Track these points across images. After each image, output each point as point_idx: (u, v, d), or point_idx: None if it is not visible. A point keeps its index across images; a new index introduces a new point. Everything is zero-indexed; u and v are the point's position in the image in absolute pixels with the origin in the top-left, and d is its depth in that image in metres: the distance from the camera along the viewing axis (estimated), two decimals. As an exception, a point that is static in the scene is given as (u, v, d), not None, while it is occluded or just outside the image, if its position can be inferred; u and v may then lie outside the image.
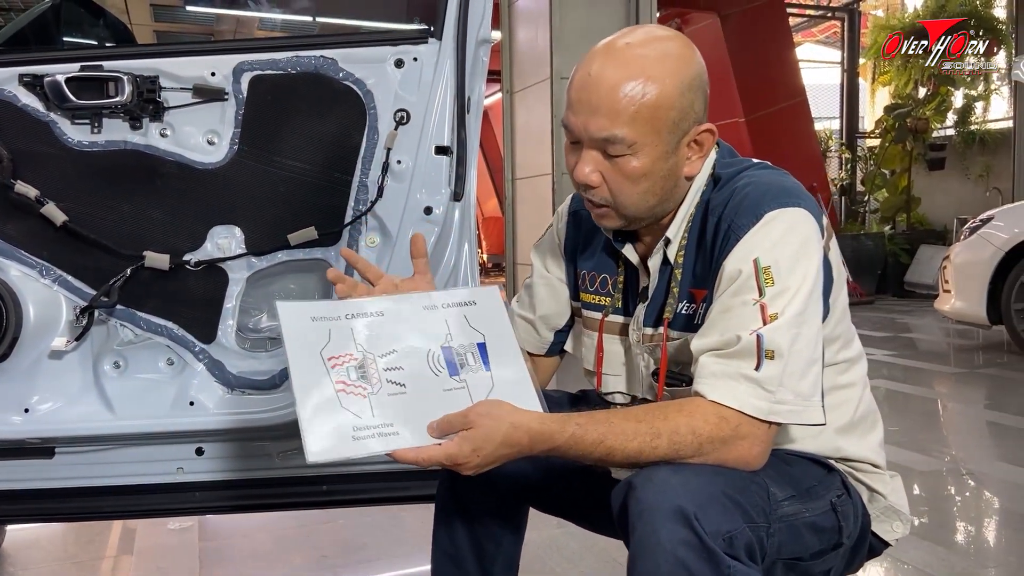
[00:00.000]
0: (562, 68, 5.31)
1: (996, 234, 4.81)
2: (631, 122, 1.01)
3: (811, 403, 0.98)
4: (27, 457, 1.56)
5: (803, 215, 1.02)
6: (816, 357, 0.99)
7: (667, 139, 1.04)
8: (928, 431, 3.47)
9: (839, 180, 9.61)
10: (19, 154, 1.50)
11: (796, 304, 0.97)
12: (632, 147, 1.02)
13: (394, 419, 0.97)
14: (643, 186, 1.06)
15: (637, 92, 1.01)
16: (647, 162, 1.04)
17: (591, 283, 1.25)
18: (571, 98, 1.05)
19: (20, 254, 1.53)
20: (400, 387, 1.01)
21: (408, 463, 0.94)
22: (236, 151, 1.55)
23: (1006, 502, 2.62)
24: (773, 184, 1.06)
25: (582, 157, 1.06)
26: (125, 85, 1.49)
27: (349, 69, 1.55)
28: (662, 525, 0.87)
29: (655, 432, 0.93)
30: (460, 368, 1.05)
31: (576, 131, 1.05)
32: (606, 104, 1.01)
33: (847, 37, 10.18)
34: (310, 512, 2.44)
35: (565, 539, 2.17)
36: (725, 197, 1.07)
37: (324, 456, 0.93)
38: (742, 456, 0.96)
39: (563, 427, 0.94)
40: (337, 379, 0.99)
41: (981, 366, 4.84)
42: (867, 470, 1.16)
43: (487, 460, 0.94)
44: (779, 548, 0.98)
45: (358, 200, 1.56)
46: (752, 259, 0.99)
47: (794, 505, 1.02)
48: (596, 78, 1.02)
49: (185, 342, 1.58)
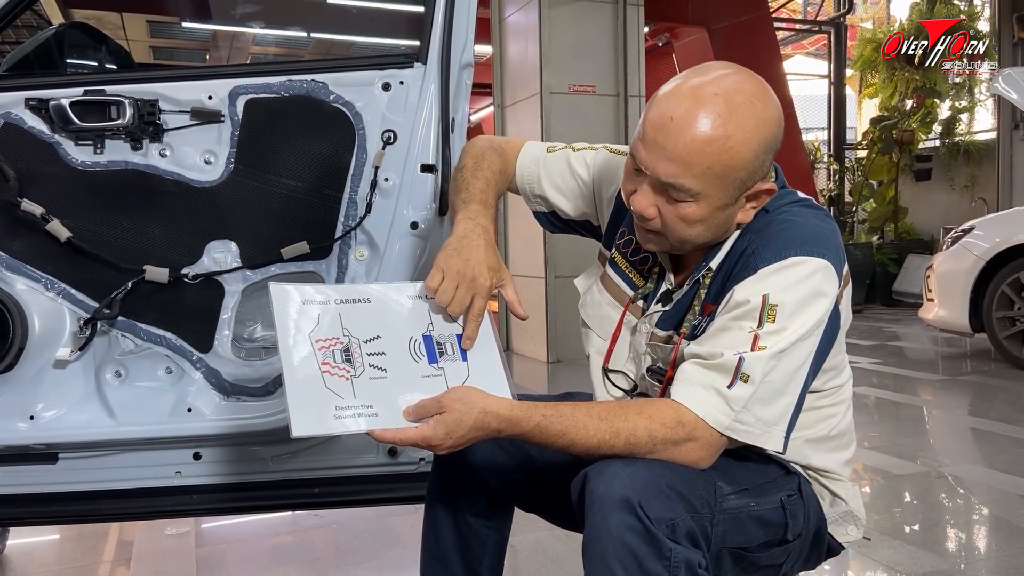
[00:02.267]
0: (552, 83, 5.40)
1: (978, 243, 4.90)
2: (701, 176, 1.03)
3: (772, 431, 1.05)
4: (32, 462, 1.63)
5: (824, 267, 1.07)
6: (787, 392, 1.05)
7: (731, 194, 1.07)
8: (907, 436, 3.55)
9: (827, 191, 9.72)
10: (25, 174, 1.57)
11: (784, 343, 1.03)
12: (695, 196, 1.05)
13: (374, 401, 1.06)
14: (696, 230, 1.09)
15: (715, 149, 1.02)
16: (706, 211, 1.07)
17: (632, 253, 1.26)
18: (645, 133, 1.06)
19: (26, 269, 1.60)
20: (381, 371, 1.09)
21: (386, 441, 1.04)
22: (232, 170, 1.63)
23: (979, 503, 2.70)
24: (809, 228, 1.10)
25: (642, 189, 1.09)
26: (126, 108, 1.57)
27: (339, 92, 1.63)
28: (610, 513, 0.97)
29: (615, 431, 1.02)
30: (439, 357, 1.14)
31: (644, 165, 1.07)
32: (681, 154, 1.02)
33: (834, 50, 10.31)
34: (304, 517, 2.51)
35: (551, 541, 2.24)
36: (763, 225, 1.12)
37: (307, 431, 1.02)
38: (690, 458, 1.04)
39: (529, 416, 1.03)
40: (323, 361, 1.07)
41: (965, 373, 4.91)
42: (832, 476, 1.23)
43: (459, 442, 1.04)
44: (724, 537, 1.06)
45: (348, 216, 1.64)
46: (762, 294, 1.05)
47: (742, 499, 1.09)
48: (677, 125, 1.02)
49: (183, 351, 1.65)
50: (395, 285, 1.21)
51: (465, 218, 1.25)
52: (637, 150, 1.08)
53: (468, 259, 1.18)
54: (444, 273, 1.17)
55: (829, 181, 9.89)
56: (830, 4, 10.72)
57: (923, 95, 8.71)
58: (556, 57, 5.42)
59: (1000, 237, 4.84)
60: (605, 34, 5.58)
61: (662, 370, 1.18)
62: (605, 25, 5.59)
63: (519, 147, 1.42)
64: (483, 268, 1.18)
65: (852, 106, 10.94)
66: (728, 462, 1.10)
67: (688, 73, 1.08)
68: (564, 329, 5.34)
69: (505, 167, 1.40)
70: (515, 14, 5.79)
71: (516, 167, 1.41)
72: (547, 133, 5.37)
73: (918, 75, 8.62)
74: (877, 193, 9.06)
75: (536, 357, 5.54)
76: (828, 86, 10.39)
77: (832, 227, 1.14)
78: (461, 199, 1.30)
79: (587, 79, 5.51)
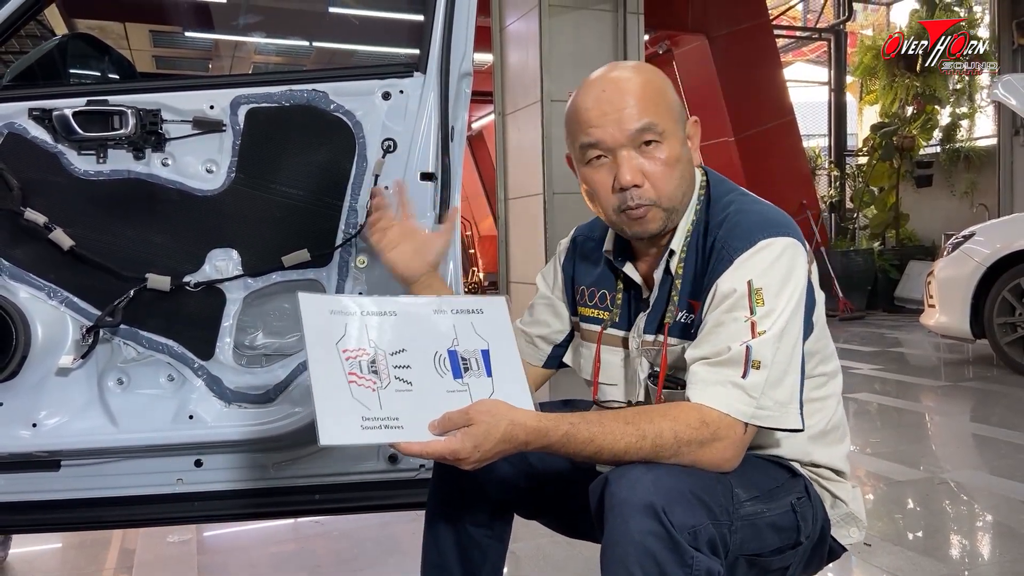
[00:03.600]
0: (552, 91, 5.42)
1: (978, 249, 4.90)
2: (656, 109, 1.14)
3: (788, 409, 1.08)
4: (34, 470, 1.63)
5: (792, 243, 1.13)
6: (792, 368, 1.09)
7: (679, 127, 1.18)
8: (909, 442, 3.55)
9: (828, 197, 9.73)
10: (29, 183, 1.59)
11: (780, 322, 1.07)
12: (662, 135, 1.14)
13: (399, 413, 1.05)
14: (677, 171, 1.16)
15: (652, 87, 1.15)
16: (676, 147, 1.16)
17: (590, 298, 1.34)
18: (590, 117, 1.15)
19: (29, 277, 1.61)
20: (407, 384, 1.09)
21: (413, 455, 1.02)
22: (233, 179, 1.64)
23: (981, 509, 2.69)
24: (765, 213, 1.17)
25: (620, 163, 1.15)
26: (129, 118, 1.59)
27: (339, 101, 1.65)
28: (632, 517, 0.96)
29: (641, 434, 1.02)
30: (464, 372, 1.13)
31: (608, 140, 1.15)
32: (632, 100, 1.14)
33: (834, 57, 10.34)
34: (305, 525, 2.52)
35: (551, 548, 2.24)
36: (721, 218, 1.17)
37: (335, 440, 1.01)
38: (716, 458, 1.05)
39: (557, 425, 1.02)
40: (350, 371, 1.07)
41: (967, 379, 4.91)
42: (832, 478, 1.25)
43: (487, 455, 1.02)
44: (741, 544, 1.07)
45: (348, 223, 1.65)
46: (746, 280, 1.09)
47: (756, 505, 1.10)
48: (612, 90, 1.15)
49: (185, 359, 1.66)
50: (421, 300, 1.21)
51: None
52: (592, 136, 1.16)
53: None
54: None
55: (830, 187, 9.90)
56: (830, 11, 10.75)
57: (923, 101, 8.73)
58: (556, 65, 5.44)
59: (1001, 243, 4.84)
60: (605, 42, 5.61)
61: (656, 372, 1.20)
62: (605, 33, 5.62)
63: None
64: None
65: (853, 113, 10.96)
66: (742, 466, 1.11)
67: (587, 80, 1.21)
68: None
69: None
70: (516, 22, 5.82)
71: None
72: (548, 140, 5.39)
73: (918, 81, 8.64)
74: (878, 199, 9.07)
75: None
76: (828, 93, 10.42)
77: (779, 208, 1.21)
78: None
79: (587, 87, 5.52)
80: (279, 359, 1.68)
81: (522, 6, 5.67)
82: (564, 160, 1.32)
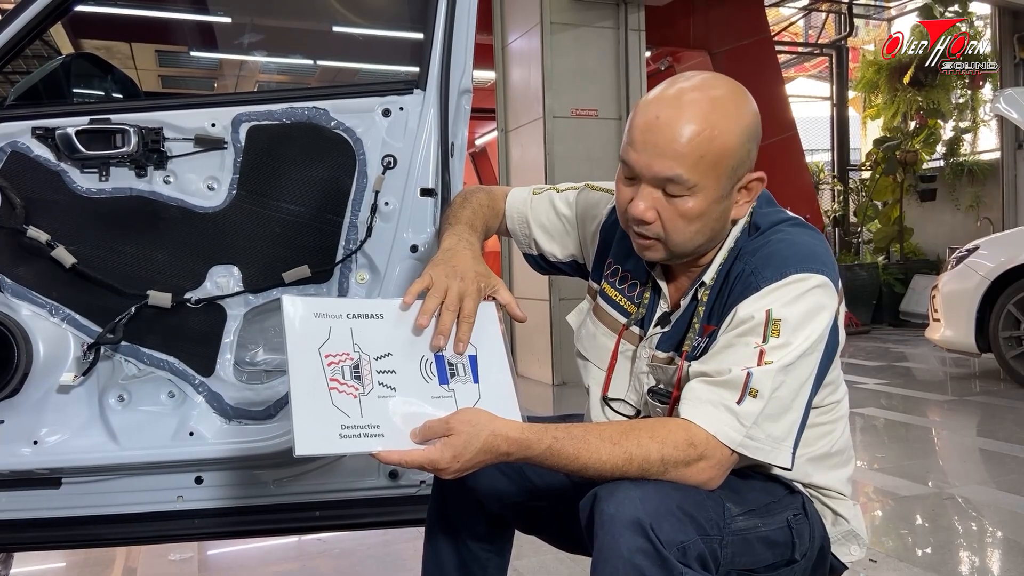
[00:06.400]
0: (554, 107, 5.45)
1: (982, 263, 4.89)
2: (695, 166, 1.07)
3: (781, 447, 1.06)
4: (35, 487, 1.63)
5: (824, 282, 1.09)
6: (794, 407, 1.06)
7: (724, 184, 1.10)
8: (916, 457, 3.53)
9: (832, 212, 9.73)
10: (31, 201, 1.60)
11: (790, 358, 1.04)
12: (692, 189, 1.08)
13: (381, 421, 1.02)
14: (696, 226, 1.11)
15: (704, 139, 1.07)
16: (704, 204, 1.09)
17: (620, 281, 1.29)
18: (634, 138, 1.10)
19: (31, 295, 1.62)
20: (391, 390, 1.06)
21: (391, 464, 1.01)
22: (235, 196, 1.65)
23: (988, 524, 2.67)
24: (804, 246, 1.13)
25: (640, 193, 1.11)
26: (131, 136, 1.60)
27: (340, 118, 1.66)
28: (621, 534, 0.95)
29: (628, 457, 1.01)
30: (450, 378, 1.10)
31: (638, 168, 1.10)
32: (673, 147, 1.07)
33: (836, 72, 10.38)
34: (308, 543, 2.51)
35: (555, 564, 2.22)
36: (758, 246, 1.14)
37: (310, 450, 0.99)
38: (700, 478, 1.03)
39: (540, 439, 1.01)
40: (331, 377, 1.04)
41: (973, 394, 4.88)
42: (833, 495, 1.24)
43: (466, 465, 1.00)
44: (732, 559, 1.06)
45: (349, 240, 1.66)
46: (766, 310, 1.06)
47: (750, 520, 1.09)
48: (665, 122, 1.07)
49: (186, 376, 1.66)
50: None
51: (450, 235, 1.27)
52: (628, 156, 1.11)
53: (455, 266, 1.19)
54: (431, 279, 1.16)
55: (833, 202, 9.91)
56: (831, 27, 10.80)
57: (926, 116, 8.74)
58: (559, 82, 5.47)
59: (1005, 256, 4.83)
60: (607, 59, 5.64)
61: (664, 391, 1.18)
62: (607, 50, 5.65)
63: (507, 191, 1.47)
64: (470, 272, 1.18)
65: (856, 127, 10.98)
66: (734, 482, 1.10)
67: (667, 82, 1.14)
68: (569, 351, 5.30)
69: (493, 204, 1.42)
70: (518, 40, 5.86)
71: (505, 207, 1.44)
72: (550, 157, 5.41)
73: (920, 96, 8.66)
74: (882, 213, 9.07)
75: (542, 380, 5.53)
76: (831, 108, 10.45)
77: (825, 244, 1.17)
78: (447, 224, 1.32)
79: (590, 103, 5.55)
80: (280, 375, 1.68)
81: (524, 24, 5.71)
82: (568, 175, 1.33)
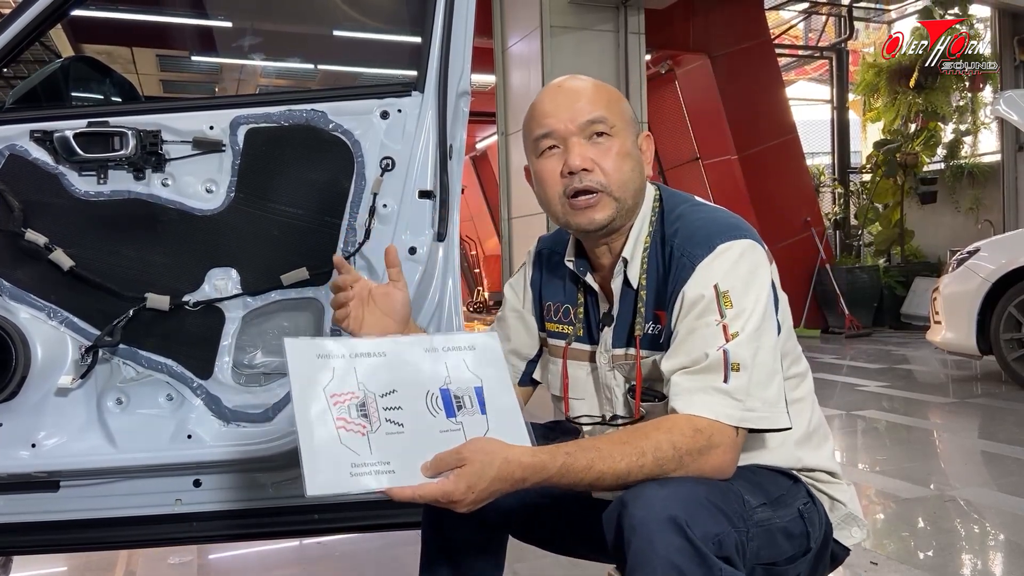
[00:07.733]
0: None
1: (983, 265, 4.88)
2: (608, 107, 1.18)
3: (777, 409, 1.07)
4: (34, 490, 1.63)
5: (751, 244, 1.13)
6: (777, 368, 1.09)
7: (631, 130, 1.20)
8: (917, 460, 3.52)
9: (833, 214, 9.72)
10: (30, 204, 1.60)
11: (753, 321, 1.08)
12: (613, 129, 1.17)
13: (391, 457, 1.01)
14: (629, 164, 1.18)
15: (604, 88, 1.21)
16: (626, 143, 1.18)
17: (555, 313, 1.35)
18: (545, 109, 1.20)
19: (30, 298, 1.61)
20: (398, 427, 1.05)
21: (404, 500, 0.97)
22: (233, 198, 1.65)
23: (989, 526, 2.66)
24: (720, 218, 1.18)
25: (569, 152, 1.17)
26: (129, 139, 1.60)
27: (338, 121, 1.66)
28: (656, 535, 0.93)
29: (640, 451, 1.00)
30: (457, 410, 1.09)
31: (560, 129, 1.18)
32: (586, 95, 1.19)
33: (836, 75, 10.38)
34: (309, 547, 2.50)
35: (553, 569, 2.22)
36: (676, 227, 1.18)
37: (322, 490, 0.98)
38: (717, 464, 1.04)
39: (554, 457, 0.99)
40: (338, 416, 1.03)
41: (975, 396, 4.87)
42: (827, 480, 1.24)
43: (482, 496, 0.97)
44: (757, 552, 1.05)
45: (347, 242, 1.66)
46: (712, 284, 1.09)
47: (766, 512, 1.10)
48: (569, 86, 1.21)
49: (184, 378, 1.66)
50: (411, 339, 1.17)
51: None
52: (546, 126, 1.19)
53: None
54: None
55: (834, 205, 9.90)
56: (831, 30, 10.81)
57: (926, 118, 8.74)
58: (559, 85, 5.47)
59: (1006, 258, 4.82)
60: (607, 62, 5.65)
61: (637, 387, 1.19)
62: (607, 54, 5.66)
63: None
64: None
65: (856, 130, 10.98)
66: (744, 474, 1.10)
67: None
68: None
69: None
70: (518, 44, 5.86)
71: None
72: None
73: (920, 98, 8.65)
74: (883, 216, 9.06)
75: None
76: (831, 111, 10.45)
77: (733, 213, 1.22)
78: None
79: (590, 106, 5.55)
80: (278, 378, 1.67)
81: (524, 27, 5.72)
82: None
